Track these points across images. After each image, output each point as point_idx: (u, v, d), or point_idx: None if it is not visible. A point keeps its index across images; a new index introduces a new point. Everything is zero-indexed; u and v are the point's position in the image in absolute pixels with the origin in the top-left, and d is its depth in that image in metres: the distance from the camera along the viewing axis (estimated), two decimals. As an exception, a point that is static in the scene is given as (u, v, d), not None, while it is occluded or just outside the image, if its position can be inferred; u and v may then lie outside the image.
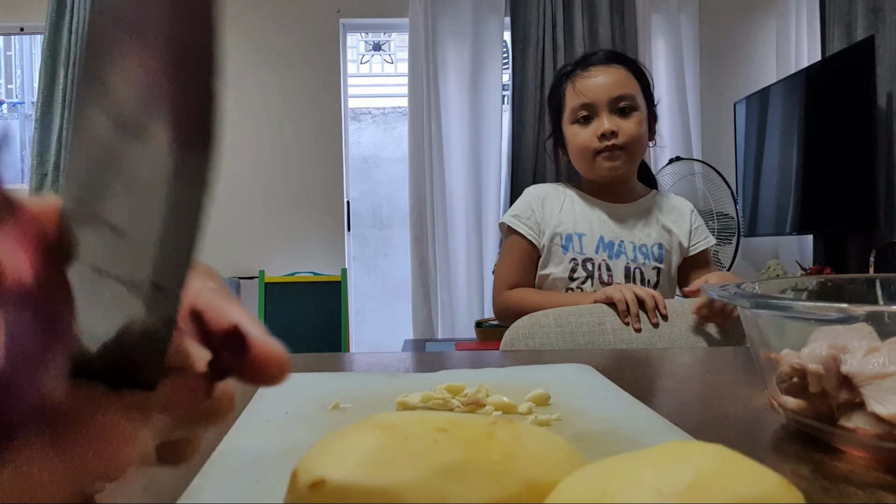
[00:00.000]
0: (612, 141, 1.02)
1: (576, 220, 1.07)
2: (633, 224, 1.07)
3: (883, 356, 0.34)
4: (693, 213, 1.11)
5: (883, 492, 0.31)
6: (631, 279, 1.04)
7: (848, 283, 0.57)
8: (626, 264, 1.04)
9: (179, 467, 0.23)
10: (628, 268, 1.04)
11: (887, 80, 2.30)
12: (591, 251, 1.05)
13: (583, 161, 1.07)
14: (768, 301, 0.43)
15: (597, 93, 1.03)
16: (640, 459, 0.21)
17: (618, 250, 1.05)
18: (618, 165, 1.04)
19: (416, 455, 0.21)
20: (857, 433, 0.34)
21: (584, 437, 0.38)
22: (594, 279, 1.04)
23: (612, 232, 1.06)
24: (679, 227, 1.08)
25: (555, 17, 2.97)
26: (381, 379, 0.54)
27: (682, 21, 3.05)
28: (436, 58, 2.99)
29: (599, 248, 1.05)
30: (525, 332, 0.91)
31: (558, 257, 1.06)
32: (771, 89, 2.66)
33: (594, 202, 1.09)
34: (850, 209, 2.23)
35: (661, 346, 0.89)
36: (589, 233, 1.06)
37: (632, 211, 1.09)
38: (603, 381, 0.52)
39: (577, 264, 1.05)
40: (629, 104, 1.03)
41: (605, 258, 1.04)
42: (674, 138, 3.03)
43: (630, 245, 1.05)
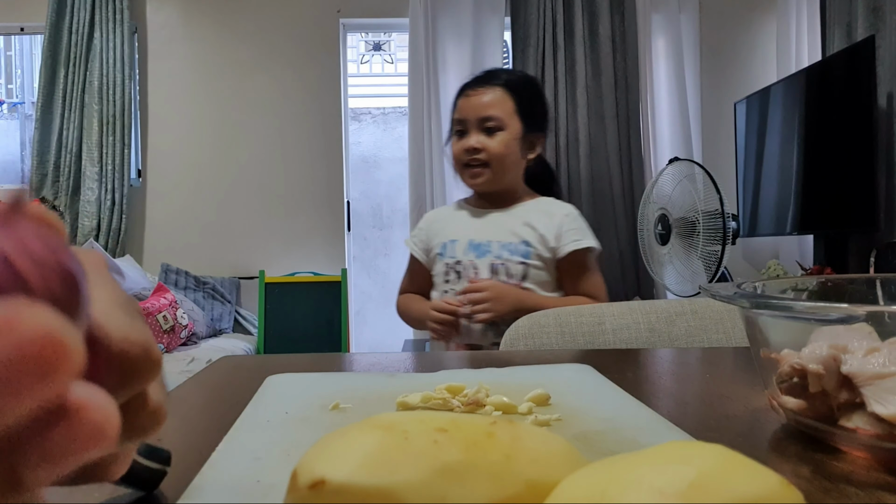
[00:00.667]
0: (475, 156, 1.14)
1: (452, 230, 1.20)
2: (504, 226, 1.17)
3: (883, 356, 0.34)
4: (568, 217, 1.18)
5: (883, 492, 0.31)
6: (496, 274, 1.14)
7: (848, 284, 0.57)
8: (491, 262, 1.14)
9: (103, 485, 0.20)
10: (493, 265, 1.14)
11: (887, 80, 2.30)
12: (460, 254, 1.16)
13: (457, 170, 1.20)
14: (769, 301, 0.43)
15: (468, 112, 1.16)
16: (640, 459, 0.21)
17: (484, 250, 1.15)
18: (480, 181, 1.16)
19: (416, 455, 0.21)
20: (858, 433, 0.34)
21: (584, 438, 0.38)
22: (462, 277, 1.15)
23: (481, 234, 1.17)
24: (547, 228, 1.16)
25: (555, 16, 2.97)
26: (381, 379, 0.54)
27: (683, 21, 3.05)
28: (436, 58, 2.99)
29: (468, 250, 1.16)
30: (525, 332, 0.91)
31: (438, 264, 1.19)
32: (771, 89, 2.67)
33: (478, 211, 1.22)
34: (850, 209, 2.23)
35: (660, 346, 0.89)
36: (460, 238, 1.18)
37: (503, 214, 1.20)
38: (603, 382, 0.52)
39: (449, 268, 1.17)
40: (496, 124, 1.14)
41: (473, 258, 1.15)
42: (674, 138, 3.04)
43: (497, 244, 1.15)
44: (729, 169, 2.98)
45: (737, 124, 2.90)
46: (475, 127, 1.15)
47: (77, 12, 2.97)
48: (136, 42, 3.10)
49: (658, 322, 0.91)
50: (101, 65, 2.98)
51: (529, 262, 1.13)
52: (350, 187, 3.27)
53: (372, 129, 3.77)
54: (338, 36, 3.13)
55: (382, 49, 3.75)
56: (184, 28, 3.12)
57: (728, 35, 3.14)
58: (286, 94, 3.10)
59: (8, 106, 3.71)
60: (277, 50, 3.09)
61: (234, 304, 3.03)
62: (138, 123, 3.13)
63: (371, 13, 3.14)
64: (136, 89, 3.11)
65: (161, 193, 3.12)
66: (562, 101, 2.97)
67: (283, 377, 0.55)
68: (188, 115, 3.12)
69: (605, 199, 2.97)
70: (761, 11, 3.13)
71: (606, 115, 2.97)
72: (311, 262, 3.08)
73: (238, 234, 3.10)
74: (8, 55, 3.78)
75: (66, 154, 2.99)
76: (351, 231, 3.25)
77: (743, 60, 3.15)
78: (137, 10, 3.10)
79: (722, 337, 0.91)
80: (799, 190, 2.47)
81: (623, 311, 0.93)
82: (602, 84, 2.98)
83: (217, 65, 3.11)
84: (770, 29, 3.11)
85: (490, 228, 1.17)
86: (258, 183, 3.12)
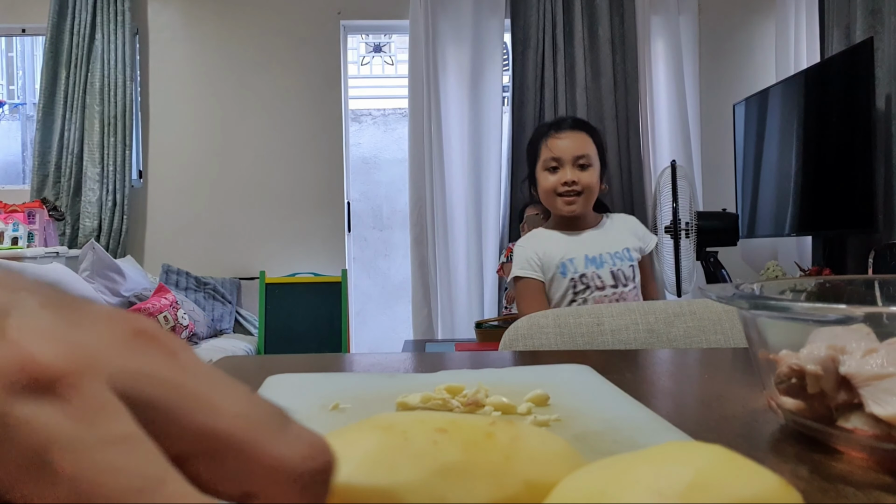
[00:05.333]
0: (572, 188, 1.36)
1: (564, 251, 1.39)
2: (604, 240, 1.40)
3: (881, 357, 0.35)
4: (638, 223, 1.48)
5: (881, 492, 0.31)
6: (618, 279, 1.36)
7: (846, 285, 0.57)
8: (610, 269, 1.36)
9: None
10: (613, 272, 1.36)
11: (886, 82, 2.31)
12: (581, 268, 1.37)
13: (548, 199, 1.41)
14: (767, 302, 0.43)
15: (564, 151, 1.38)
16: (639, 460, 0.21)
17: (600, 261, 1.37)
18: (574, 208, 1.38)
19: (415, 455, 0.21)
20: (856, 434, 0.35)
21: (583, 438, 0.38)
22: (591, 288, 1.36)
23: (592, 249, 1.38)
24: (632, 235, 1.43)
25: (555, 18, 2.97)
26: (381, 379, 0.54)
27: (682, 23, 3.05)
28: (436, 59, 2.99)
29: (587, 263, 1.37)
30: (524, 332, 0.91)
31: (559, 282, 1.38)
32: (770, 91, 2.67)
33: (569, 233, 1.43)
34: (848, 210, 2.23)
35: (659, 346, 0.89)
36: (576, 256, 1.38)
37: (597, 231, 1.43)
38: (602, 382, 0.52)
39: (575, 281, 1.37)
40: (587, 161, 1.38)
41: (594, 269, 1.37)
42: (673, 139, 3.04)
43: (608, 255, 1.37)
44: (728, 170, 2.98)
45: (736, 126, 2.90)
46: (570, 164, 1.37)
47: (78, 14, 2.98)
48: (137, 44, 3.10)
49: (657, 323, 0.91)
50: (102, 66, 2.98)
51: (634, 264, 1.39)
52: (350, 188, 3.27)
53: (372, 130, 3.78)
54: (338, 37, 3.13)
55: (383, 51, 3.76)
56: (185, 30, 3.13)
57: (727, 37, 3.14)
58: (287, 95, 3.10)
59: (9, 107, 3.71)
60: (278, 52, 3.09)
61: (235, 305, 3.03)
62: (139, 124, 3.13)
63: (371, 15, 3.14)
64: (137, 90, 3.11)
65: (162, 194, 3.12)
66: (561, 102, 2.97)
67: (283, 377, 0.55)
68: (189, 117, 3.12)
69: (604, 200, 2.97)
70: (760, 13, 3.13)
71: (606, 117, 2.98)
72: (312, 263, 3.08)
73: (239, 234, 3.10)
74: (9, 56, 3.78)
75: (68, 155, 2.99)
76: (351, 232, 3.25)
77: (742, 62, 3.15)
78: (139, 11, 3.10)
79: (720, 338, 0.91)
80: (798, 191, 2.47)
81: (622, 311, 0.93)
82: (601, 86, 2.98)
83: (218, 66, 3.11)
84: (769, 31, 3.11)
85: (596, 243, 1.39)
86: (259, 184, 3.12)
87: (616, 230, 1.44)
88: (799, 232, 2.54)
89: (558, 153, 1.38)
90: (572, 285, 1.37)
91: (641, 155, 3.03)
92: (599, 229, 1.45)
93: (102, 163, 2.99)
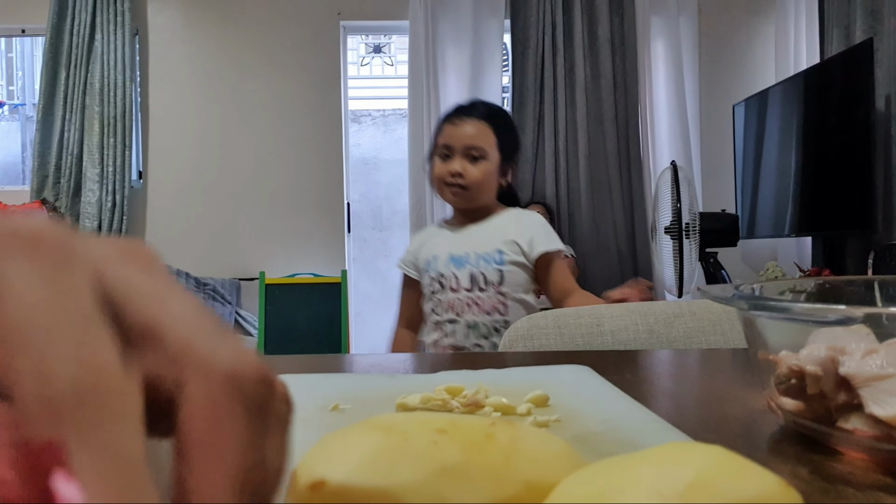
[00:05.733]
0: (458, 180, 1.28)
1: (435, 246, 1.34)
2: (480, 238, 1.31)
3: (881, 358, 0.35)
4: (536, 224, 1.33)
5: (881, 493, 0.31)
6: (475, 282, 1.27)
7: (846, 285, 0.57)
8: (470, 271, 1.28)
9: None
10: (472, 273, 1.27)
11: (885, 83, 2.31)
12: (442, 267, 1.30)
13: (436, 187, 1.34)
14: (767, 303, 0.43)
15: (455, 139, 1.30)
16: (639, 460, 0.21)
17: (463, 261, 1.29)
18: (458, 201, 1.31)
19: (415, 456, 0.21)
20: (856, 435, 0.35)
21: (583, 439, 0.38)
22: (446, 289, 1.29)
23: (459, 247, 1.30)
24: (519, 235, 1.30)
25: (554, 19, 2.97)
26: (381, 380, 0.54)
27: (682, 23, 3.05)
28: (436, 60, 2.99)
29: (449, 263, 1.30)
30: (524, 333, 0.91)
31: (426, 279, 1.33)
32: (770, 92, 2.67)
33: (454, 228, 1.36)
34: (848, 211, 2.23)
35: (659, 347, 0.89)
36: (441, 253, 1.31)
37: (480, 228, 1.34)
38: (602, 383, 0.52)
39: (433, 280, 1.31)
40: (479, 154, 1.29)
41: (453, 269, 1.29)
42: (673, 140, 3.04)
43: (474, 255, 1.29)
44: (727, 171, 2.98)
45: (735, 126, 2.90)
46: (460, 153, 1.28)
47: (78, 14, 2.98)
48: (137, 44, 3.10)
49: (656, 324, 0.91)
50: (102, 66, 2.98)
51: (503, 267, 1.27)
52: (350, 189, 3.27)
53: (372, 130, 3.78)
54: (338, 38, 3.13)
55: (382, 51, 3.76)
56: (185, 30, 3.13)
57: (727, 37, 3.14)
58: (287, 96, 3.10)
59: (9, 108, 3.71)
60: (278, 52, 3.10)
61: (235, 306, 3.03)
62: (139, 125, 3.13)
63: (371, 15, 3.14)
64: (137, 91, 3.11)
65: (162, 195, 3.12)
66: (561, 103, 2.97)
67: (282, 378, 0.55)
68: (189, 117, 3.12)
69: (604, 201, 2.98)
70: (760, 14, 3.13)
71: (605, 118, 2.98)
72: (311, 264, 3.08)
73: (238, 235, 3.10)
74: (9, 57, 3.78)
75: (67, 156, 2.99)
76: (351, 232, 3.25)
77: (741, 63, 3.15)
78: (139, 12, 3.10)
79: (720, 338, 0.91)
80: (797, 192, 2.47)
81: (622, 312, 0.93)
82: (601, 86, 2.98)
83: (218, 67, 3.11)
84: (769, 31, 3.11)
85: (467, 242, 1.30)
86: (258, 184, 3.12)
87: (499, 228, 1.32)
88: (798, 233, 2.54)
89: (450, 141, 1.30)
90: (430, 284, 1.31)
91: (641, 155, 3.03)
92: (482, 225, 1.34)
93: (102, 163, 2.99)
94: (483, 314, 1.25)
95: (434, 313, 1.30)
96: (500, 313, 1.26)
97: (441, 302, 1.28)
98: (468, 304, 1.26)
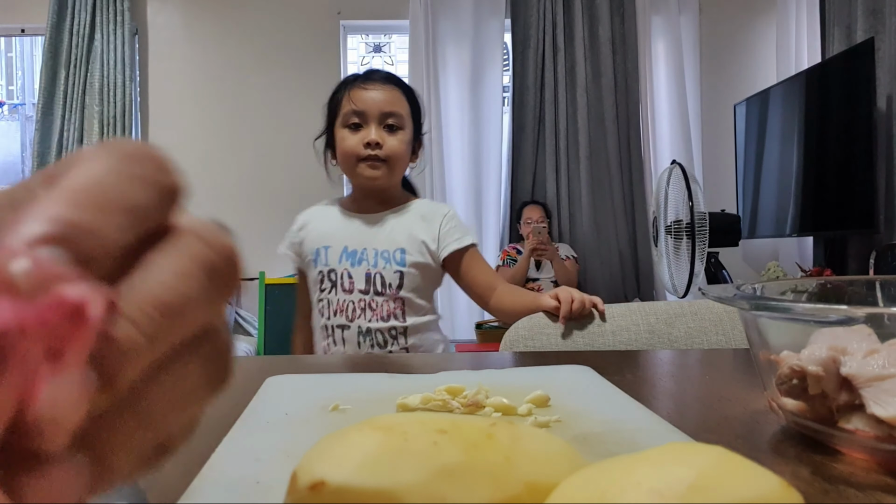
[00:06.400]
0: (375, 151, 1.09)
1: (325, 234, 1.14)
2: (380, 231, 1.13)
3: (882, 358, 0.35)
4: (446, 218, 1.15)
5: (882, 493, 0.31)
6: (371, 284, 1.10)
7: (848, 285, 0.57)
8: (366, 270, 1.10)
9: None
10: (368, 273, 1.10)
11: (887, 82, 2.31)
12: (334, 262, 1.11)
13: (347, 165, 1.14)
14: (768, 303, 0.43)
15: (369, 104, 1.11)
16: (639, 461, 0.21)
17: (360, 258, 1.11)
18: (377, 175, 1.11)
19: (415, 456, 0.21)
20: (857, 435, 0.34)
21: (583, 439, 0.38)
22: (337, 288, 1.10)
23: (357, 241, 1.12)
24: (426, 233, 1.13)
25: (555, 19, 2.97)
26: (381, 380, 0.54)
27: (683, 23, 3.05)
28: (436, 60, 2.99)
29: (342, 258, 1.11)
30: (525, 333, 0.91)
31: (312, 271, 1.13)
32: (771, 91, 2.67)
33: (351, 214, 1.16)
34: (849, 211, 2.23)
35: (660, 347, 0.89)
36: (334, 244, 1.12)
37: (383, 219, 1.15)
38: (602, 383, 0.52)
39: (323, 276, 1.11)
40: (397, 122, 1.11)
41: (348, 267, 1.10)
42: (674, 140, 3.04)
43: (372, 251, 1.11)
44: (729, 171, 2.98)
45: (736, 126, 2.90)
46: (376, 121, 1.10)
47: (78, 14, 2.98)
48: (136, 44, 3.10)
49: (658, 323, 0.91)
50: (101, 66, 2.98)
51: (405, 269, 1.11)
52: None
53: (372, 130, 3.77)
54: (338, 38, 3.13)
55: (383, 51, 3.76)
56: (185, 30, 3.13)
57: (728, 37, 3.14)
58: (287, 95, 3.10)
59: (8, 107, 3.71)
60: (278, 52, 3.10)
61: (234, 306, 3.03)
62: (139, 125, 3.13)
63: (371, 15, 3.14)
64: (136, 91, 3.11)
65: (161, 195, 3.12)
66: (562, 103, 2.97)
67: (283, 378, 0.55)
68: (189, 117, 3.12)
69: (605, 201, 2.98)
70: (761, 13, 3.13)
71: (606, 117, 2.98)
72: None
73: (238, 235, 3.09)
74: (9, 56, 3.78)
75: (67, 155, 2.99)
76: (351, 232, 3.25)
77: (743, 62, 3.15)
78: (138, 11, 3.10)
79: (721, 339, 0.91)
80: (798, 192, 2.47)
81: (623, 312, 0.93)
82: (602, 86, 2.98)
83: (218, 66, 3.11)
84: (770, 31, 3.11)
85: (366, 235, 1.13)
86: (258, 184, 3.12)
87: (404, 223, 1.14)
88: (800, 232, 2.54)
89: (362, 106, 1.11)
90: (319, 279, 1.12)
91: (642, 155, 3.03)
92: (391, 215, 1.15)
93: (102, 163, 2.99)
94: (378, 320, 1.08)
95: (321, 315, 1.11)
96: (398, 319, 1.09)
97: (330, 303, 1.10)
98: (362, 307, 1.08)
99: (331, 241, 1.12)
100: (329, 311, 1.09)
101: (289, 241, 1.20)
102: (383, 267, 1.10)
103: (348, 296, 1.09)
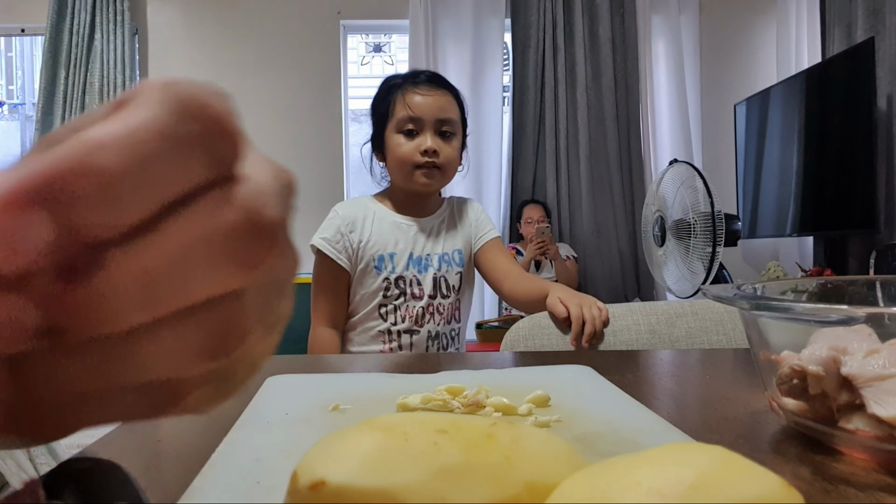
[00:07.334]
0: (431, 159, 1.08)
1: (386, 240, 1.12)
2: (437, 235, 1.15)
3: (883, 358, 0.34)
4: (476, 211, 1.20)
5: (883, 493, 0.31)
6: (438, 288, 1.11)
7: (848, 285, 0.57)
8: (433, 275, 1.11)
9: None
10: (435, 278, 1.11)
11: (887, 82, 2.31)
12: (401, 269, 1.11)
13: (401, 171, 1.11)
14: (769, 303, 0.43)
15: (425, 111, 1.09)
16: (640, 461, 0.21)
17: (425, 264, 1.12)
18: (432, 183, 1.11)
19: (416, 456, 0.21)
20: (857, 435, 0.34)
21: (584, 439, 0.38)
22: (406, 295, 1.10)
23: (419, 247, 1.13)
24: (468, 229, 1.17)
25: (555, 18, 2.97)
26: (381, 380, 0.54)
27: (683, 22, 3.05)
28: (436, 59, 2.99)
29: (409, 265, 1.11)
30: (525, 333, 0.91)
31: (370, 278, 1.11)
32: (771, 91, 2.67)
33: (401, 217, 1.15)
34: (850, 211, 2.23)
35: (661, 347, 0.89)
36: (399, 251, 1.12)
37: (435, 223, 1.16)
38: (603, 383, 0.52)
39: (389, 283, 1.10)
40: (451, 129, 1.10)
41: (415, 273, 1.11)
42: (674, 140, 3.04)
43: (436, 256, 1.12)
44: (729, 171, 2.98)
45: (737, 126, 2.90)
46: (431, 129, 1.08)
47: (78, 13, 2.98)
48: (136, 43, 3.10)
49: (658, 323, 0.91)
50: (101, 66, 2.98)
51: (464, 270, 1.14)
52: (350, 188, 3.27)
53: (372, 130, 3.77)
54: (338, 37, 3.13)
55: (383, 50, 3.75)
56: (185, 29, 3.13)
57: (728, 37, 3.14)
58: (287, 95, 3.10)
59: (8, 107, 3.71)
60: (278, 51, 3.10)
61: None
62: (139, 125, 3.13)
63: (371, 15, 3.14)
64: (136, 90, 3.11)
65: (161, 194, 3.12)
66: (562, 102, 2.97)
67: (283, 378, 0.55)
68: (189, 117, 3.12)
69: (605, 201, 2.98)
70: (761, 13, 3.13)
71: (606, 117, 2.98)
72: (312, 264, 3.08)
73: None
74: (9, 56, 3.78)
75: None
76: (351, 232, 3.25)
77: (743, 62, 3.15)
78: (138, 11, 3.10)
79: (722, 338, 0.91)
80: (799, 192, 2.47)
81: (623, 312, 0.93)
82: (602, 86, 2.98)
83: (218, 66, 3.11)
84: (770, 30, 3.11)
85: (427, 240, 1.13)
86: (258, 184, 3.12)
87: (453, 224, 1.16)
88: (800, 232, 2.54)
89: (419, 112, 1.08)
90: (384, 287, 1.10)
91: (642, 155, 3.03)
92: (439, 219, 1.16)
93: (103, 163, 2.99)
94: (444, 323, 1.10)
95: (382, 319, 1.10)
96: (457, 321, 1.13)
97: (398, 308, 1.09)
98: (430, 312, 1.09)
99: (394, 247, 1.12)
100: (396, 316, 1.09)
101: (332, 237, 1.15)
102: (447, 270, 1.12)
103: (418, 302, 1.09)
